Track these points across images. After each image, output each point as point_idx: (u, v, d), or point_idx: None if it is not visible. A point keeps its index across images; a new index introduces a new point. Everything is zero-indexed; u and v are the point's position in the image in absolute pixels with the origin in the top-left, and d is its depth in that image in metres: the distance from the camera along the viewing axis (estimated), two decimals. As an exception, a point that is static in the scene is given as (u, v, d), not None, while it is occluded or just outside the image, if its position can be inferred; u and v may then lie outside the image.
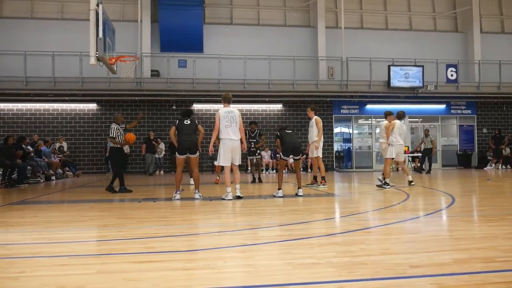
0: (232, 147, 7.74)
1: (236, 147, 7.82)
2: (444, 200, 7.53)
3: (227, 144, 7.73)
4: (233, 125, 7.75)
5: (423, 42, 22.47)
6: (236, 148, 7.82)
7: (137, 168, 19.87)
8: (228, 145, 7.72)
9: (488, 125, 22.68)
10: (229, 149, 7.73)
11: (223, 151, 7.77)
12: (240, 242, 4.10)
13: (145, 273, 3.02)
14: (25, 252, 3.81)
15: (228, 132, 7.72)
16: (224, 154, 7.76)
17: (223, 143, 7.76)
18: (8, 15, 19.97)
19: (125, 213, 6.24)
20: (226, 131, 7.73)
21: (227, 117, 7.75)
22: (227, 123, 7.73)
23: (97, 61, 9.58)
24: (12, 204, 7.55)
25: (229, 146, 7.72)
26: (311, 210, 6.53)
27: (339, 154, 22.16)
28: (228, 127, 7.73)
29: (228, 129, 7.73)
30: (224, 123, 7.74)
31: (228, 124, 7.73)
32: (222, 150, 7.78)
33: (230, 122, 7.74)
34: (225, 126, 7.73)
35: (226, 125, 7.73)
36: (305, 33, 21.80)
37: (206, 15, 21.21)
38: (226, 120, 7.74)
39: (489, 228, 4.71)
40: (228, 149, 7.73)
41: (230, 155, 7.76)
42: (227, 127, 7.73)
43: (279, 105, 20.93)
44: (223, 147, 7.77)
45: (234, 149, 7.79)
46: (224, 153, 7.77)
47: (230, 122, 7.74)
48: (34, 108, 19.36)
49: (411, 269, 3.03)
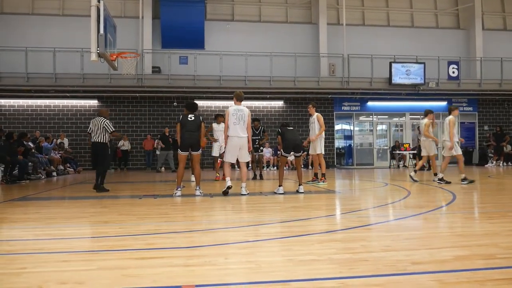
0: (240, 144, 7.84)
1: (243, 145, 7.90)
2: (445, 197, 7.52)
3: (234, 141, 7.82)
4: (241, 123, 7.83)
5: (424, 39, 22.41)
6: (243, 145, 7.90)
7: (137, 165, 19.89)
8: (235, 142, 7.82)
9: (489, 122, 22.65)
10: (236, 146, 7.84)
11: (229, 147, 7.89)
12: (241, 239, 4.11)
13: (146, 269, 3.02)
14: (26, 248, 3.82)
15: (236, 130, 7.80)
16: (230, 151, 7.90)
17: (230, 140, 7.85)
18: (9, 11, 19.96)
19: (126, 210, 6.25)
20: (234, 129, 7.81)
21: (236, 115, 7.83)
22: (235, 120, 7.80)
23: (98, 57, 9.57)
24: (13, 201, 7.56)
25: (236, 143, 7.82)
26: (312, 207, 6.53)
27: (340, 151, 22.17)
28: (236, 124, 7.80)
29: (236, 127, 7.80)
30: (232, 120, 7.80)
31: (237, 122, 7.80)
32: (229, 147, 7.90)
33: (238, 120, 7.81)
34: (234, 123, 7.80)
35: (235, 122, 7.80)
36: (307, 30, 21.75)
37: (207, 12, 21.17)
38: (234, 117, 7.81)
39: (490, 225, 4.71)
40: (235, 146, 7.84)
41: (236, 152, 7.89)
42: (235, 124, 7.80)
43: (281, 102, 20.91)
44: (230, 143, 7.87)
45: (241, 147, 7.88)
46: (230, 150, 7.90)
47: (239, 120, 7.81)
48: (35, 104, 19.38)
49: (412, 266, 3.03)
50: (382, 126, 22.83)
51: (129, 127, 19.93)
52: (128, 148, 19.46)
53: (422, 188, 9.32)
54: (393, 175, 14.40)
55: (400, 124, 22.80)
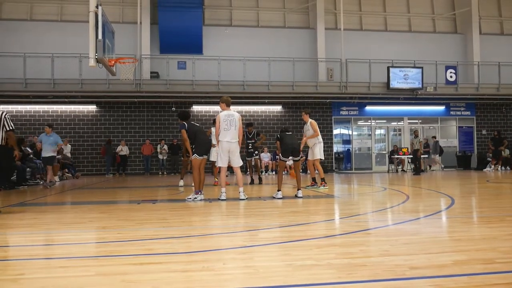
0: (229, 149, 7.96)
1: (233, 149, 8.00)
2: (443, 201, 7.52)
3: (223, 146, 7.96)
4: (232, 128, 7.94)
5: (422, 43, 22.50)
6: (233, 150, 8.01)
7: (136, 170, 19.87)
8: (225, 147, 7.95)
9: (487, 126, 22.71)
10: (226, 151, 7.97)
11: (220, 152, 8.04)
12: (239, 244, 4.10)
13: (144, 275, 3.01)
14: (24, 254, 3.80)
15: (226, 135, 7.93)
16: (221, 156, 8.03)
17: (220, 145, 7.99)
18: (8, 17, 20.00)
19: (124, 215, 6.23)
20: (224, 134, 7.94)
21: (226, 120, 7.96)
22: (226, 126, 7.94)
23: (96, 63, 9.58)
24: (11, 206, 7.53)
25: (226, 148, 7.96)
26: (311, 212, 6.52)
27: (339, 156, 22.17)
28: (227, 130, 7.93)
29: (226, 132, 7.93)
30: (223, 126, 7.94)
31: (227, 127, 7.93)
32: (220, 152, 8.04)
33: (229, 125, 7.94)
34: (224, 129, 7.93)
35: (225, 128, 7.93)
36: (305, 35, 21.83)
37: (205, 17, 21.24)
38: (225, 123, 7.94)
39: (488, 229, 4.70)
40: (224, 151, 7.97)
41: (227, 157, 8.02)
42: (225, 130, 7.93)
43: (279, 106, 20.94)
44: (220, 148, 8.02)
45: (231, 151, 8.00)
46: (220, 155, 8.04)
47: (229, 125, 7.94)
48: (34, 110, 19.37)
49: (410, 271, 3.02)
50: (381, 130, 22.87)
51: (128, 132, 19.92)
52: (126, 153, 19.44)
53: (420, 193, 9.32)
54: (391, 179, 14.41)
55: (399, 129, 22.85)
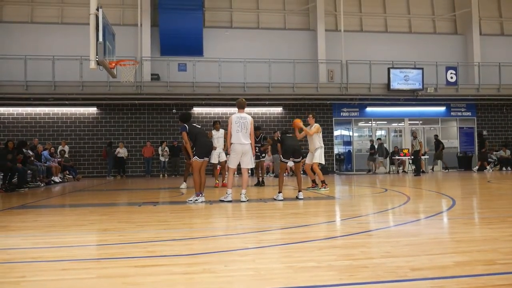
0: (242, 151, 7.98)
1: (246, 151, 8.02)
2: (444, 202, 7.52)
3: (236, 148, 7.97)
4: (243, 130, 7.98)
5: (422, 44, 22.51)
6: (246, 151, 8.02)
7: (137, 172, 19.88)
8: (238, 149, 7.97)
9: (488, 127, 22.69)
10: (238, 153, 7.99)
11: (232, 154, 8.05)
12: (240, 246, 4.09)
13: (146, 277, 3.01)
14: (25, 257, 3.80)
15: (239, 137, 7.96)
16: (233, 158, 8.05)
17: (233, 148, 8.01)
18: (9, 20, 20.03)
19: (125, 217, 6.23)
20: (237, 136, 7.96)
21: (238, 123, 7.99)
22: (238, 128, 7.96)
23: (97, 65, 9.61)
24: (12, 209, 7.54)
25: (239, 150, 7.97)
26: (312, 213, 6.52)
27: (339, 157, 22.17)
28: (239, 132, 7.96)
29: (238, 134, 7.96)
30: (235, 128, 7.97)
31: (239, 130, 7.96)
32: (232, 154, 8.06)
33: (241, 127, 7.97)
34: (236, 131, 7.96)
35: (237, 130, 7.96)
36: (305, 36, 21.84)
37: (206, 19, 21.26)
38: (237, 125, 7.97)
39: (490, 230, 4.70)
40: (237, 153, 7.98)
41: (238, 159, 8.04)
42: (238, 132, 7.96)
43: (279, 108, 20.95)
44: (232, 151, 8.03)
45: (244, 153, 8.01)
46: (233, 157, 8.05)
47: (241, 127, 7.96)
48: (34, 112, 19.39)
49: (412, 272, 3.02)
50: (381, 131, 22.86)
51: (128, 135, 19.93)
52: (125, 155, 19.34)
53: (421, 194, 9.31)
54: (392, 180, 14.40)
55: (399, 130, 22.84)
